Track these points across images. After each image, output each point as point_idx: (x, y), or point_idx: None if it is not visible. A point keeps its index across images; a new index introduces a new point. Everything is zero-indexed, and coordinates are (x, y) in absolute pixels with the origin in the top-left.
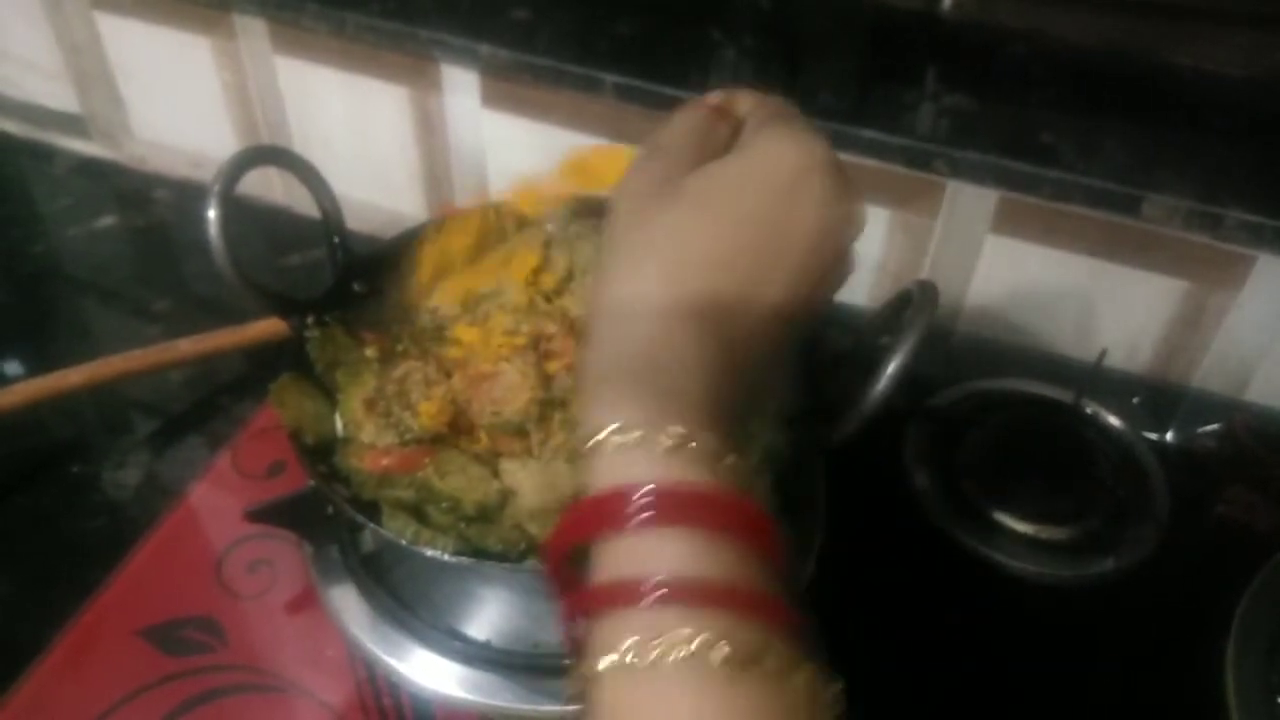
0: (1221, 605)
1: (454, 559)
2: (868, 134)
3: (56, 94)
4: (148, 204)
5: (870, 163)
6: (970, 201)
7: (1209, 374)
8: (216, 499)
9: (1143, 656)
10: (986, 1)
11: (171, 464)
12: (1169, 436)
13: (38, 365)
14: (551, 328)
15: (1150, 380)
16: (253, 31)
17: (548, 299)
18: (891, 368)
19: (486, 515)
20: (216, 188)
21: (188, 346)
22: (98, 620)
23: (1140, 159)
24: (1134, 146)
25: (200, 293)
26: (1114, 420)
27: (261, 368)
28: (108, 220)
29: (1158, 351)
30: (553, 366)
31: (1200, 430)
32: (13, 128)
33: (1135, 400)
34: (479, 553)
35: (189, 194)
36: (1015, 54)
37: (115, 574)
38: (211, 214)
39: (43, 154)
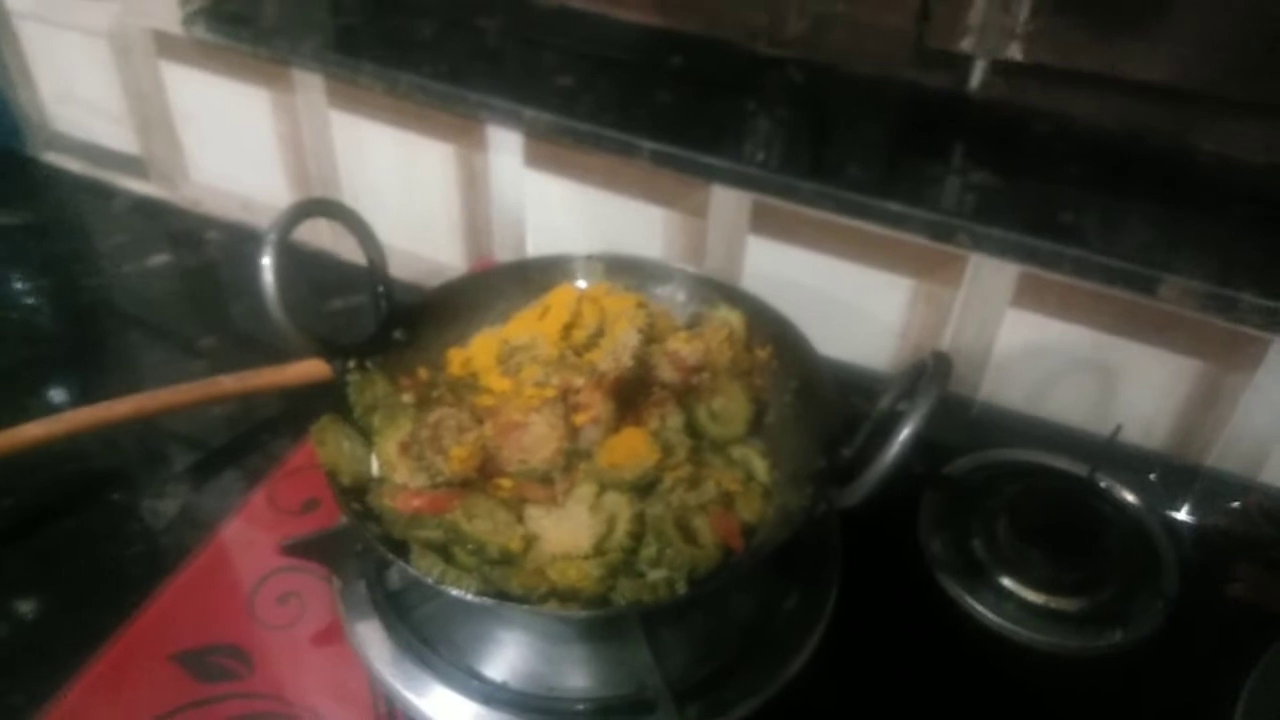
0: (1228, 682)
1: (477, 599)
2: (893, 206)
3: (118, 136)
4: (200, 244)
5: (894, 234)
6: (992, 275)
7: (1224, 454)
8: (251, 532)
9: None
10: (1014, 82)
11: (209, 496)
12: (1182, 513)
13: (86, 395)
14: (579, 381)
15: (1165, 457)
16: (310, 86)
17: (577, 353)
18: (903, 435)
19: (510, 559)
20: (273, 236)
21: (231, 383)
22: (134, 642)
23: (1159, 240)
24: (1153, 228)
25: (245, 331)
26: (1127, 495)
27: (299, 407)
28: (161, 258)
29: (1173, 429)
30: (580, 419)
31: (1214, 509)
32: (75, 166)
33: (1151, 477)
34: (501, 594)
35: (240, 236)
36: (1040, 134)
37: (152, 599)
38: (266, 260)
39: (102, 193)
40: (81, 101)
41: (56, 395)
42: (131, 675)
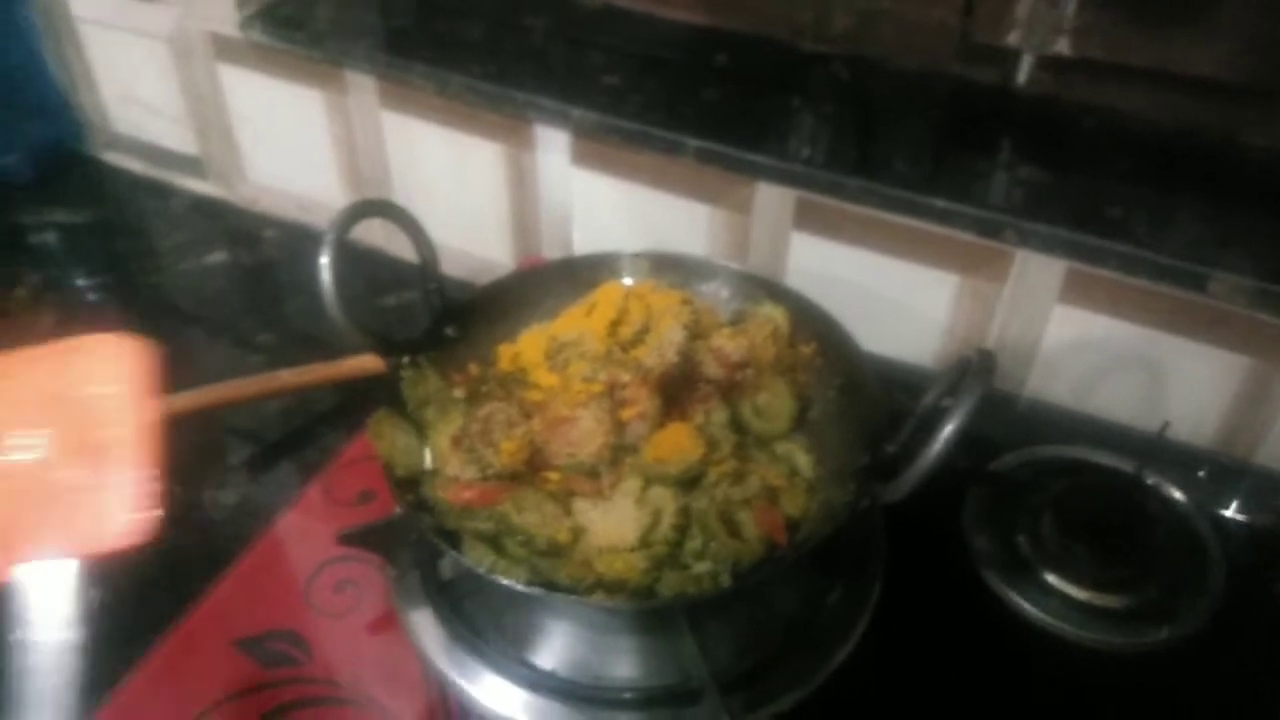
0: (1276, 681)
1: (526, 589)
2: (939, 202)
3: (178, 137)
4: (257, 243)
5: (940, 230)
6: (1039, 270)
7: (1273, 452)
8: (308, 523)
9: None
10: (1061, 77)
11: (266, 488)
12: (1231, 511)
13: None
14: (626, 377)
15: (1214, 454)
16: (363, 88)
17: (624, 349)
18: (947, 431)
19: (558, 550)
20: (330, 235)
21: (288, 378)
22: (196, 628)
23: (1208, 237)
24: (1203, 224)
25: (301, 328)
26: (1175, 492)
27: (353, 401)
28: (219, 256)
29: (1222, 426)
30: (626, 414)
31: (1262, 507)
32: (136, 166)
33: (1200, 474)
34: (549, 585)
35: (296, 235)
36: (1088, 129)
37: (213, 586)
38: (324, 259)
39: (162, 192)
40: (142, 103)
41: None
42: (195, 660)
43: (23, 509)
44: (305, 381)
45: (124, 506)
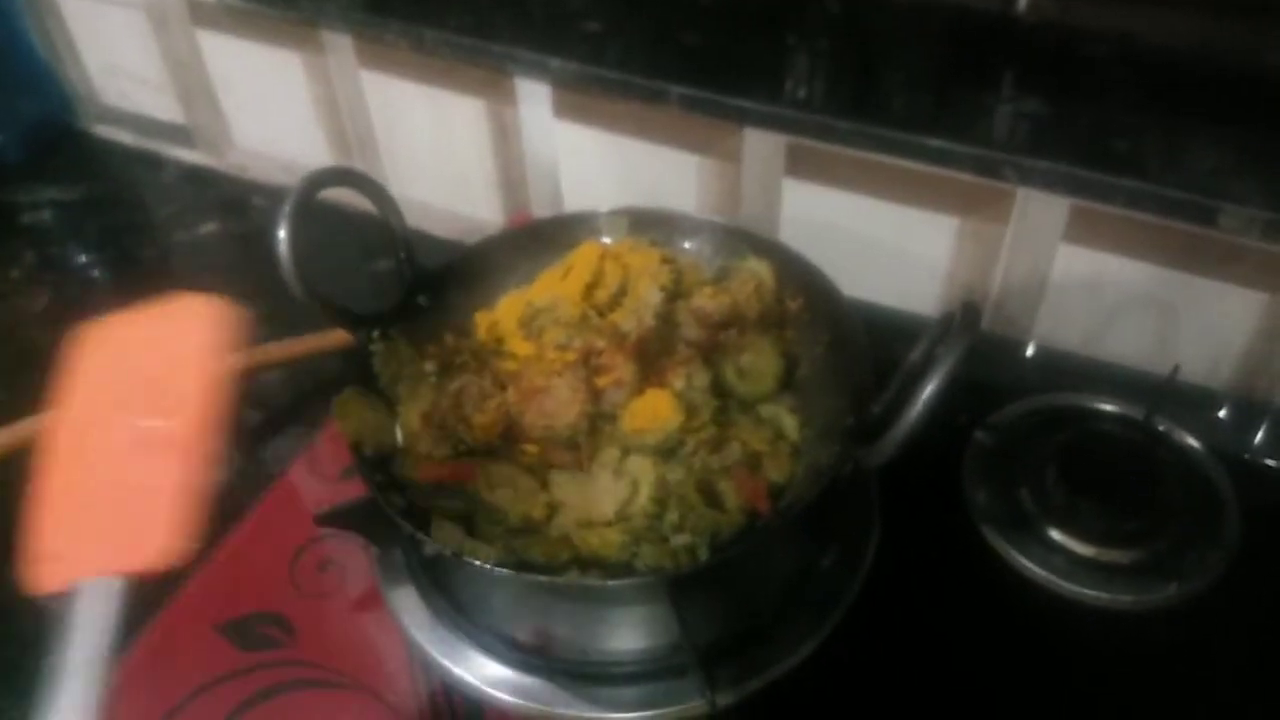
0: None
1: (495, 569)
2: (934, 142)
3: (164, 106)
4: (247, 210)
5: (939, 171)
6: (1042, 209)
7: None
8: (291, 501)
9: (1206, 688)
10: (1064, 2)
11: (251, 465)
12: (1247, 457)
13: None
14: (601, 343)
15: (1229, 397)
16: (340, 48)
17: (600, 313)
18: (927, 392)
19: (532, 527)
20: (286, 208)
21: (276, 351)
22: (179, 613)
23: (1222, 167)
24: (1216, 154)
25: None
26: (1187, 438)
27: (341, 372)
28: (211, 226)
29: (1238, 367)
30: (603, 381)
31: None
32: (125, 138)
33: (1220, 414)
34: (522, 564)
35: (283, 200)
36: (1094, 56)
37: (195, 570)
38: (281, 233)
39: (152, 162)
40: (126, 73)
41: None
42: (178, 646)
43: (91, 517)
44: (295, 353)
45: (177, 521)
